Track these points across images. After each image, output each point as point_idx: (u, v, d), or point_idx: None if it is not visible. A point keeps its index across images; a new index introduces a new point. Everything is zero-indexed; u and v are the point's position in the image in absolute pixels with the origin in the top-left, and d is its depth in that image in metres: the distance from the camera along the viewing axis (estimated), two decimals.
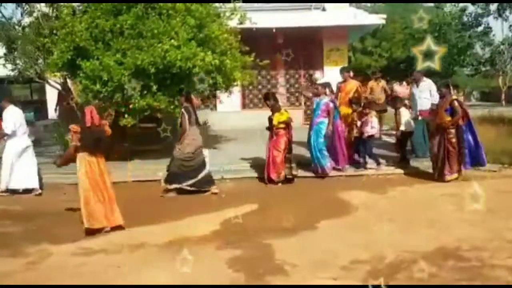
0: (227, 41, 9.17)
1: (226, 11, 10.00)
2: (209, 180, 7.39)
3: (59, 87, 10.73)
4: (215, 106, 14.14)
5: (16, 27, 9.89)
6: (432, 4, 30.50)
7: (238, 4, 10.04)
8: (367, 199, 6.83)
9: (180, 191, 7.25)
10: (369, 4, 27.29)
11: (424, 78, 9.22)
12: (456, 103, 7.70)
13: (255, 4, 14.83)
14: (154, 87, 8.34)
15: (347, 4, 15.39)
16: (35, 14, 9.77)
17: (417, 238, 5.09)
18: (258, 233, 5.37)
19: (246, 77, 10.00)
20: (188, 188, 7.23)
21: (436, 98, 8.53)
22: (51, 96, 14.47)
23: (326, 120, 8.17)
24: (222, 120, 13.33)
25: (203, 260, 4.66)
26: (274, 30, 13.66)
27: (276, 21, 13.50)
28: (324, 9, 15.31)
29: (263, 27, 12.21)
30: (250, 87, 14.65)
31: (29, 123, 9.02)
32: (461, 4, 29.44)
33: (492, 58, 30.15)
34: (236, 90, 11.89)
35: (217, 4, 9.95)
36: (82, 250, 5.04)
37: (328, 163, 8.16)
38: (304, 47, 14.97)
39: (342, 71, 9.59)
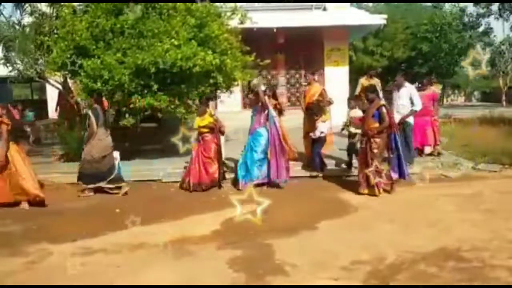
0: (227, 41, 9.16)
1: (226, 11, 10.00)
2: (119, 179, 7.55)
3: (59, 86, 10.73)
4: (215, 106, 14.11)
5: (16, 26, 9.87)
6: (431, 4, 30.51)
7: (239, 4, 10.03)
8: (367, 200, 6.82)
9: (97, 190, 7.44)
10: (370, 4, 27.30)
11: (406, 84, 8.61)
12: (383, 109, 6.92)
13: (256, 4, 14.84)
14: (155, 87, 8.33)
15: (348, 4, 15.40)
16: (36, 14, 9.76)
17: (418, 239, 5.08)
18: (258, 233, 5.36)
19: (247, 77, 9.98)
20: (104, 185, 7.42)
21: (418, 105, 8.27)
22: (52, 95, 14.46)
23: (263, 129, 7.62)
24: (222, 120, 13.28)
25: (203, 260, 4.66)
26: (274, 30, 13.65)
27: (277, 21, 13.49)
28: (325, 9, 15.31)
29: (264, 26, 12.20)
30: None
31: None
32: (461, 4, 29.45)
33: (492, 59, 30.14)
34: (237, 90, 11.88)
35: (217, 4, 9.95)
36: (82, 249, 5.03)
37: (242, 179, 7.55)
38: (304, 47, 14.97)
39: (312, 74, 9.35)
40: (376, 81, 11.32)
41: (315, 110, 8.22)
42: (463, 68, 31.86)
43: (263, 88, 7.66)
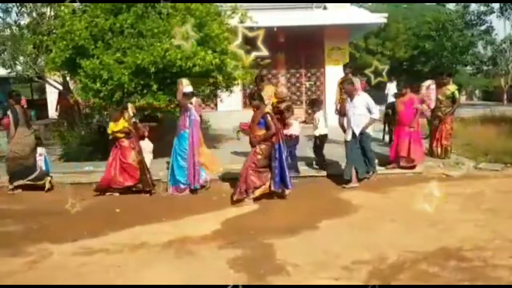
0: (227, 40, 9.15)
1: (227, 10, 9.98)
2: (45, 174, 7.85)
3: (59, 86, 10.72)
4: (216, 105, 14.12)
5: (13, 27, 9.87)
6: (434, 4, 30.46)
7: (239, 3, 10.01)
8: (368, 199, 6.80)
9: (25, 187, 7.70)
10: (370, 4, 27.28)
11: (359, 92, 7.80)
12: (268, 117, 6.66)
13: (256, 3, 14.82)
14: (155, 86, 8.32)
15: (348, 3, 15.37)
16: (34, 14, 9.75)
17: (419, 238, 5.07)
18: (259, 233, 5.35)
19: (247, 76, 9.97)
20: (30, 182, 7.70)
21: (376, 114, 7.61)
22: (52, 95, 14.46)
23: (186, 133, 7.38)
24: (222, 119, 13.28)
25: (204, 260, 4.66)
26: (275, 29, 13.62)
27: (278, 20, 13.46)
28: (325, 8, 15.28)
29: (264, 26, 12.18)
30: (251, 86, 14.61)
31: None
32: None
33: (494, 57, 30.07)
34: (237, 89, 11.86)
35: (218, 3, 9.93)
36: (82, 249, 5.03)
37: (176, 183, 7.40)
38: (305, 46, 14.95)
39: (257, 77, 8.76)
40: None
41: (286, 109, 8.07)
42: (465, 66, 31.86)
43: (189, 89, 7.36)
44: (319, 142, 8.36)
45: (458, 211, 6.08)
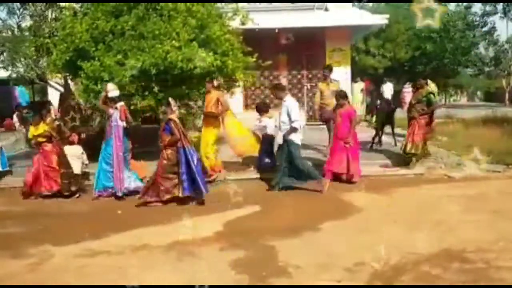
0: (229, 42, 9.15)
1: (228, 11, 9.98)
2: None
3: (60, 88, 10.73)
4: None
5: (15, 29, 9.89)
6: None
7: (240, 5, 10.01)
8: (370, 200, 6.79)
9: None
10: (370, 5, 27.27)
11: (286, 98, 7.51)
12: (172, 124, 6.76)
13: (258, 5, 14.83)
14: (156, 88, 8.32)
15: (350, 5, 15.38)
16: (33, 17, 9.77)
17: (422, 240, 5.04)
18: (261, 235, 5.33)
19: (249, 78, 9.97)
20: None
21: (296, 123, 7.26)
22: (53, 97, 14.46)
23: (112, 139, 7.32)
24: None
25: (206, 261, 4.64)
26: (276, 31, 13.64)
27: (279, 22, 13.48)
28: (326, 10, 15.30)
29: (266, 27, 12.19)
30: (253, 88, 14.63)
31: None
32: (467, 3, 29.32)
33: (497, 57, 29.98)
34: (238, 91, 11.87)
35: (219, 5, 9.94)
36: (84, 251, 5.02)
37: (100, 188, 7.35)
38: (306, 48, 14.95)
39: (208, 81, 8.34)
40: (335, 85, 9.62)
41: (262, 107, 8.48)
42: (466, 68, 31.78)
43: (114, 94, 7.28)
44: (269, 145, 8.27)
45: (461, 213, 6.05)
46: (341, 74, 14.61)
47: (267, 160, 8.19)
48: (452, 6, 30.12)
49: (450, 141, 10.79)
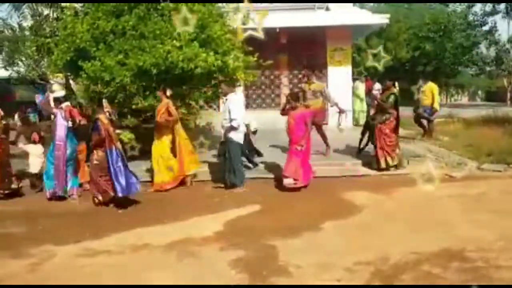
0: (230, 41, 9.14)
1: (229, 11, 9.97)
2: None
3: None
4: (218, 106, 14.11)
5: (17, 30, 9.91)
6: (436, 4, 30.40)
7: (241, 5, 10.00)
8: (371, 200, 6.79)
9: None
10: (371, 4, 27.26)
11: (229, 95, 7.53)
12: (98, 123, 6.73)
13: (259, 4, 14.80)
14: (157, 88, 8.32)
15: (350, 4, 15.36)
16: (36, 17, 9.79)
17: (422, 239, 5.05)
18: (262, 234, 5.34)
19: (249, 77, 9.97)
20: None
21: (234, 121, 7.33)
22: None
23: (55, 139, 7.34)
24: None
25: (206, 261, 4.65)
26: (277, 30, 13.61)
27: (280, 21, 13.45)
28: (327, 9, 15.26)
29: (267, 27, 12.18)
30: (254, 87, 14.62)
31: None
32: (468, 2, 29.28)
33: (498, 57, 29.93)
34: (239, 91, 11.86)
35: (220, 4, 9.93)
36: (85, 251, 5.03)
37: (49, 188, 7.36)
38: (307, 47, 14.93)
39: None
40: (320, 85, 9.67)
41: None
42: (467, 67, 31.75)
43: (59, 94, 7.40)
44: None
45: (461, 212, 6.06)
46: (342, 74, 14.65)
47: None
48: (452, 5, 30.13)
49: (451, 141, 10.79)
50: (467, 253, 4.63)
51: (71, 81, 10.44)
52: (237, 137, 7.47)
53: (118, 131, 7.79)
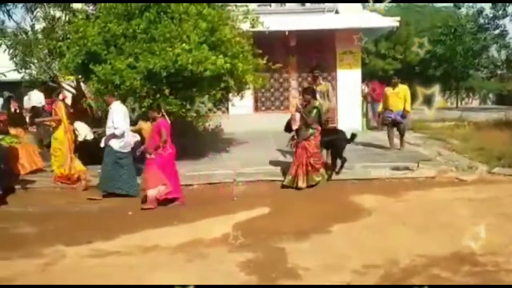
0: (239, 44, 9.17)
1: (238, 14, 10.02)
2: None
3: (73, 90, 10.85)
4: (227, 109, 14.17)
5: (29, 33, 10.02)
6: (447, 7, 30.23)
7: (251, 8, 10.03)
8: (380, 203, 6.76)
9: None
10: (383, 6, 27.14)
11: (112, 104, 7.56)
12: None
13: (268, 7, 14.86)
14: (166, 91, 8.38)
15: (360, 7, 15.33)
16: (48, 19, 9.89)
17: (432, 243, 5.03)
18: (271, 237, 5.35)
19: (259, 80, 9.99)
20: None
21: (117, 130, 7.34)
22: (66, 100, 14.60)
23: None
24: (234, 123, 13.31)
25: (215, 263, 4.67)
26: (286, 33, 13.64)
27: (289, 24, 13.48)
28: (337, 12, 15.27)
29: (276, 30, 12.20)
30: (263, 90, 14.64)
31: None
32: (478, 5, 29.04)
33: (509, 60, 29.62)
34: (248, 93, 11.88)
35: (229, 8, 9.97)
36: (95, 251, 5.08)
37: None
38: (316, 50, 14.93)
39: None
40: (325, 86, 9.56)
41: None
42: (478, 70, 31.48)
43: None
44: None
45: (471, 216, 6.01)
46: (351, 77, 14.62)
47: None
48: (464, 8, 29.89)
49: (462, 144, 10.72)
50: (477, 257, 4.60)
51: (81, 84, 10.57)
52: (116, 144, 7.47)
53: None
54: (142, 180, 7.48)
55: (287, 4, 15.95)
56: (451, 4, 30.04)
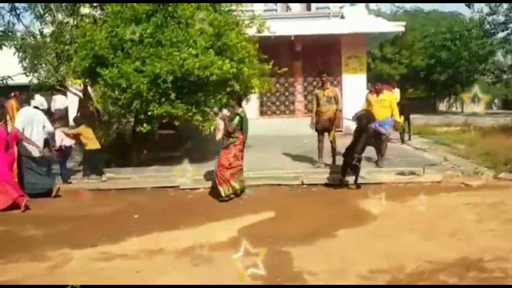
0: (245, 49, 9.21)
1: (245, 19, 10.06)
2: None
3: (80, 94, 10.92)
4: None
5: (38, 36, 10.10)
6: (452, 12, 30.22)
7: (257, 13, 10.08)
8: (387, 208, 6.74)
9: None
10: (388, 12, 27.20)
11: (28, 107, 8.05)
12: None
13: (274, 12, 14.92)
14: (172, 95, 8.41)
15: (366, 12, 15.38)
16: (55, 24, 9.98)
17: (438, 248, 5.00)
18: (277, 241, 5.35)
19: (264, 85, 10.01)
20: None
21: (45, 131, 7.91)
22: (72, 103, 14.69)
23: None
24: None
25: (221, 266, 4.67)
26: (292, 38, 13.69)
27: (295, 29, 13.53)
28: (342, 17, 15.31)
29: (282, 34, 12.25)
30: (268, 95, 14.69)
31: None
32: (485, 10, 28.99)
33: None
34: (254, 98, 11.93)
35: (236, 13, 10.02)
36: (102, 254, 5.09)
37: None
38: (322, 55, 14.97)
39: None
40: (332, 90, 9.21)
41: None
42: (484, 75, 31.44)
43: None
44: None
45: (478, 221, 5.99)
46: (357, 81, 14.64)
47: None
48: (468, 13, 29.85)
49: (468, 149, 10.68)
50: (484, 263, 4.58)
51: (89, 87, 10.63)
52: (35, 151, 7.69)
53: None
54: None
55: (293, 9, 16.05)
56: (458, 9, 30.05)
